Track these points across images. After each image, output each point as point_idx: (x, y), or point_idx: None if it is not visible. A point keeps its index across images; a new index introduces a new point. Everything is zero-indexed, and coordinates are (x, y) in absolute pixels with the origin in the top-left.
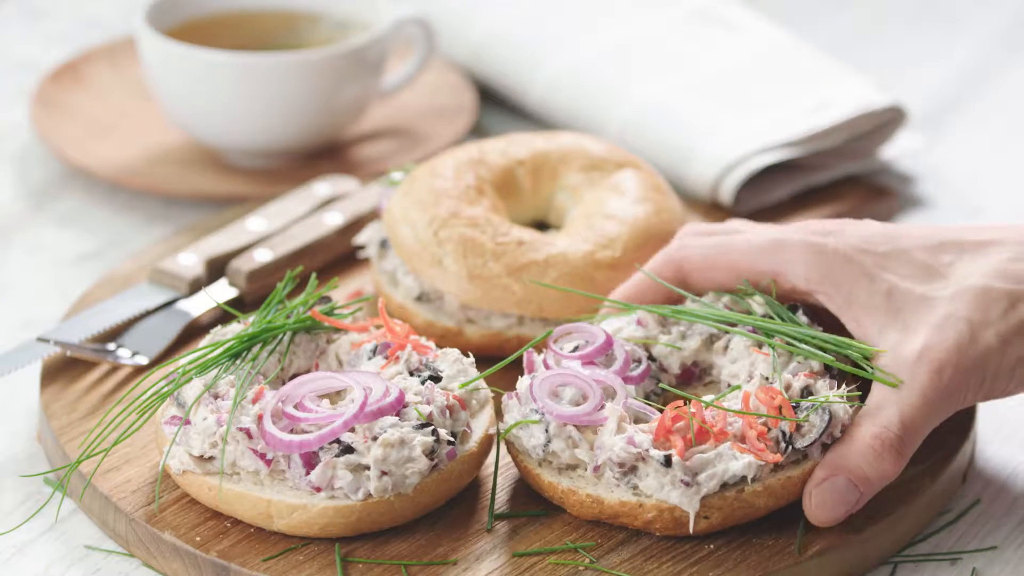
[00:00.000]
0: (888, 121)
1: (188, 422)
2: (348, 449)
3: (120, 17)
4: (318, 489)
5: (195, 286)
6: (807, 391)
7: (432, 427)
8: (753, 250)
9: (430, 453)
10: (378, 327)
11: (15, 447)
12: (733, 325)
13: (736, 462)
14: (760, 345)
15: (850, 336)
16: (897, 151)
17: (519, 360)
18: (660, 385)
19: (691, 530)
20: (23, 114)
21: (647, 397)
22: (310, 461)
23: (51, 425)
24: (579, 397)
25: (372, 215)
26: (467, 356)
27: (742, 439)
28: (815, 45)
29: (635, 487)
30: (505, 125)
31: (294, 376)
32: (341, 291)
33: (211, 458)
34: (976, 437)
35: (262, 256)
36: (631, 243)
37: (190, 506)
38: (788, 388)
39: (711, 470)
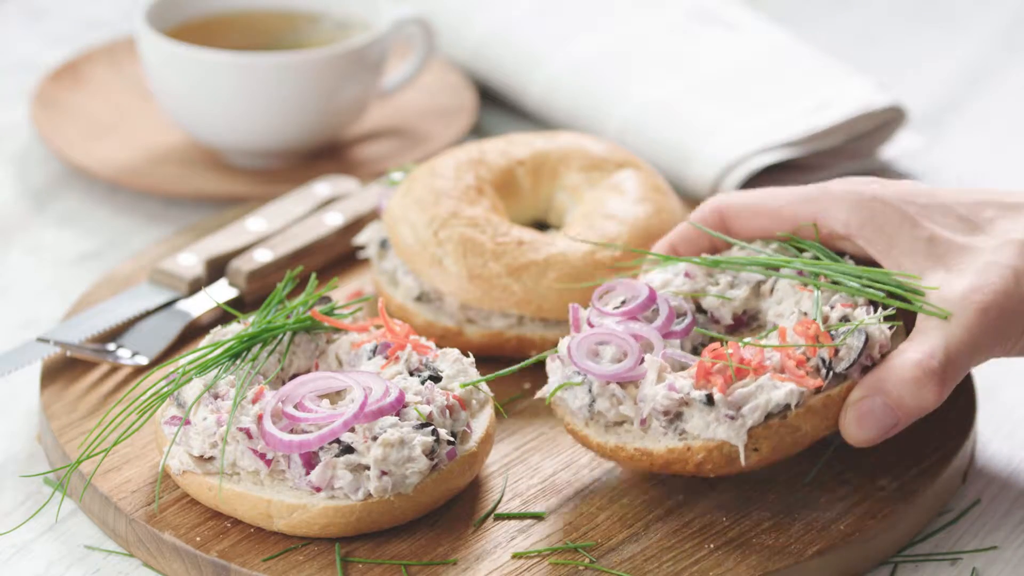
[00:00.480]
0: (888, 121)
1: (188, 422)
2: (348, 449)
3: (120, 17)
4: (318, 489)
5: (195, 286)
6: (844, 320)
7: (432, 427)
8: (796, 197)
9: (430, 453)
10: (378, 327)
11: (15, 447)
12: (777, 269)
13: (778, 391)
14: (806, 285)
15: None
16: (897, 151)
17: (517, 358)
18: (697, 330)
19: (743, 463)
20: (23, 114)
21: (695, 350)
22: (310, 461)
23: (51, 425)
24: (619, 354)
25: (372, 215)
26: (467, 356)
27: (781, 371)
28: (815, 45)
29: (682, 432)
30: (505, 125)
31: (294, 376)
32: (341, 291)
33: (211, 458)
34: (976, 437)
35: (262, 256)
36: (631, 243)
37: (190, 506)
38: (826, 320)
39: (754, 402)
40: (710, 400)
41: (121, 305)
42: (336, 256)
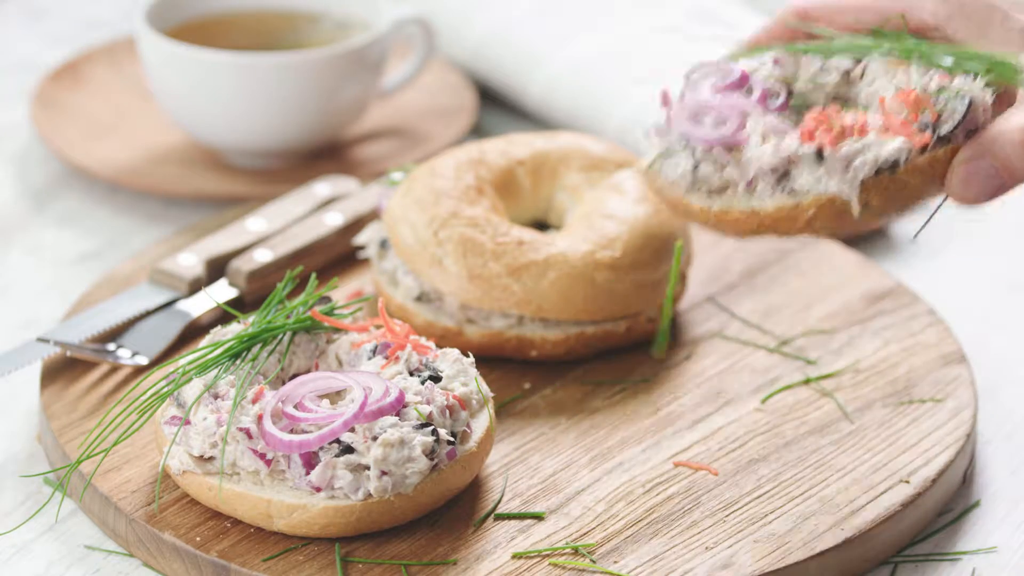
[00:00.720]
0: None
1: (188, 422)
2: (348, 449)
3: (120, 17)
4: (318, 489)
5: (195, 286)
6: (944, 90)
7: (432, 427)
8: None
9: (430, 453)
10: (378, 327)
11: (15, 447)
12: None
13: (887, 146)
14: (902, 59)
15: None
16: None
17: (519, 359)
18: (793, 104)
19: (856, 214)
20: (23, 114)
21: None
22: (310, 461)
23: (51, 425)
24: (720, 122)
25: (372, 215)
26: (467, 356)
27: (886, 131)
28: None
29: (791, 191)
30: (505, 125)
31: (294, 376)
32: (341, 291)
33: (211, 458)
34: (976, 437)
35: (262, 256)
36: (631, 243)
37: (190, 506)
38: (925, 91)
39: (863, 157)
40: (820, 155)
41: (121, 305)
42: (336, 256)
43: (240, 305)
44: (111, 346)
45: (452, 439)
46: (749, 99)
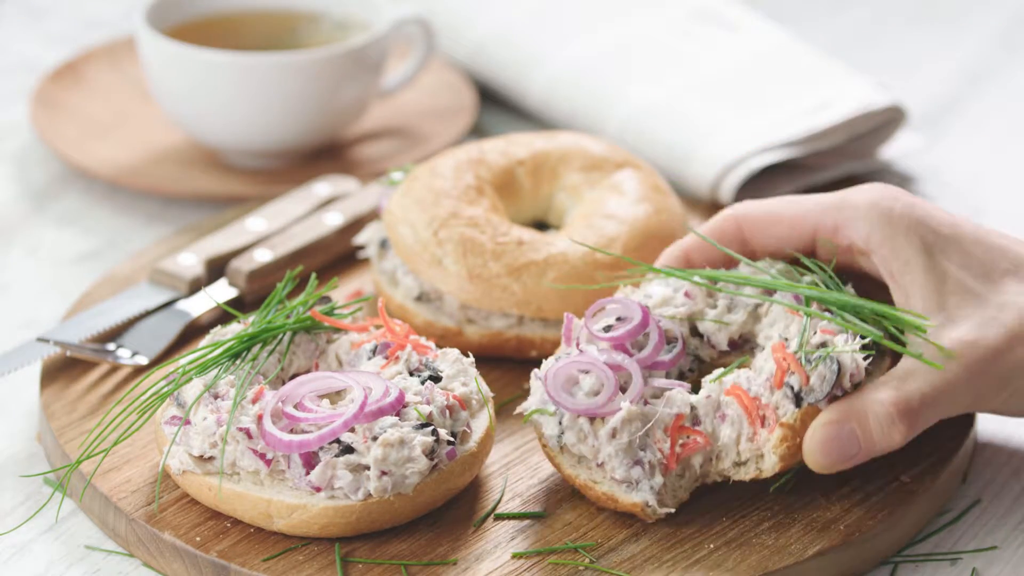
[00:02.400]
0: (888, 121)
1: (188, 422)
2: (348, 449)
3: (120, 17)
4: (318, 489)
5: (195, 286)
6: (822, 345)
7: (432, 427)
8: (817, 206)
9: (430, 453)
10: (378, 327)
11: (15, 447)
12: (772, 293)
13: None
14: (797, 311)
15: (891, 301)
16: (897, 151)
17: (519, 359)
18: (689, 351)
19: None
20: (23, 114)
21: (681, 374)
22: (310, 461)
23: (51, 425)
24: (598, 385)
25: (372, 215)
26: (467, 356)
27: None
28: (815, 45)
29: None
30: (505, 125)
31: (294, 376)
32: (341, 291)
33: (211, 458)
34: (976, 437)
35: (262, 256)
36: (631, 243)
37: (190, 506)
38: (803, 346)
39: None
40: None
41: (121, 305)
42: (336, 256)
43: (240, 305)
44: (111, 346)
45: (452, 439)
46: (639, 354)
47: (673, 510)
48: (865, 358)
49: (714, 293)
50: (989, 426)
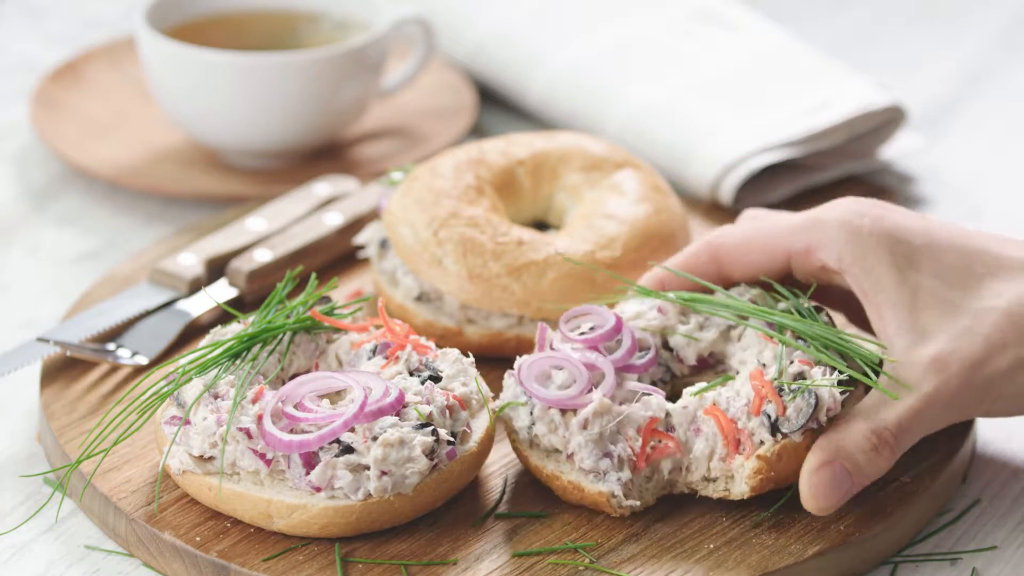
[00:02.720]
0: (888, 121)
1: (188, 422)
2: (348, 449)
3: (120, 17)
4: (318, 489)
5: (195, 286)
6: (800, 376)
7: (432, 427)
8: (789, 228)
9: (430, 453)
10: (378, 327)
11: (15, 447)
12: (747, 318)
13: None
14: (771, 337)
15: (867, 321)
16: (897, 151)
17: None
18: (661, 361)
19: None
20: (23, 114)
21: (654, 384)
22: (310, 461)
23: (51, 425)
24: (570, 381)
25: (372, 215)
26: (467, 356)
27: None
28: (815, 45)
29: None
30: (505, 125)
31: (294, 376)
32: (341, 291)
33: (211, 458)
34: (976, 437)
35: (262, 256)
36: (631, 243)
37: (190, 506)
38: (781, 375)
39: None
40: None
41: (121, 305)
42: (336, 256)
43: (240, 305)
44: (111, 346)
45: (452, 439)
46: (612, 355)
47: (638, 503)
48: (842, 392)
49: (687, 311)
50: (989, 427)
